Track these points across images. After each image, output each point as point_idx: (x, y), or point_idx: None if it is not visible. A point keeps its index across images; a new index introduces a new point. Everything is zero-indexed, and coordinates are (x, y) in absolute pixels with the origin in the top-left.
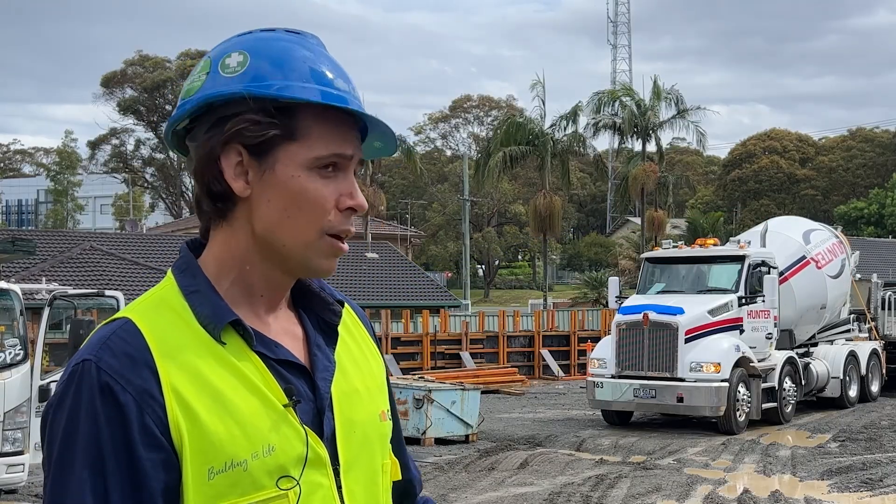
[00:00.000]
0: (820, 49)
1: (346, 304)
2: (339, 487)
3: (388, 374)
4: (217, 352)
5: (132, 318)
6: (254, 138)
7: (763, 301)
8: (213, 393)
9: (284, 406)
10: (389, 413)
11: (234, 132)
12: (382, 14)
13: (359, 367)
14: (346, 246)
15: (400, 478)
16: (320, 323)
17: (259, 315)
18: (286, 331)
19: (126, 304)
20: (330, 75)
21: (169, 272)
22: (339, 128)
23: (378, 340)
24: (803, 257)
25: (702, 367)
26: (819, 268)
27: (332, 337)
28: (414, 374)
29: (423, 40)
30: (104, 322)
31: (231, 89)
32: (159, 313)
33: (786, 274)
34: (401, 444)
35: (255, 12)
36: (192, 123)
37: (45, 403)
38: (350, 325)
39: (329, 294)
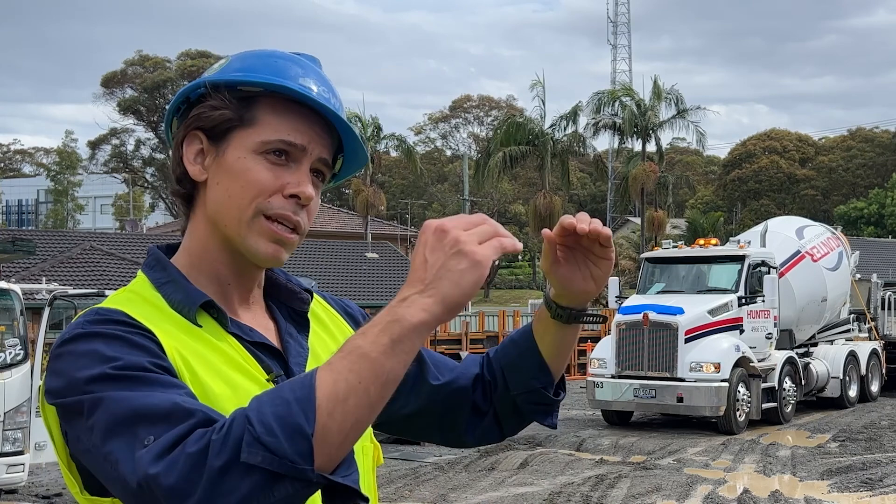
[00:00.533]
0: (819, 49)
1: (315, 294)
2: None
3: None
4: (195, 332)
5: (108, 305)
6: (210, 121)
7: (763, 301)
8: (201, 358)
9: (267, 380)
10: None
11: (194, 117)
12: (381, 14)
13: (332, 353)
14: (292, 236)
15: (383, 461)
16: (291, 313)
17: (232, 308)
18: (258, 324)
19: None
20: (305, 80)
21: (139, 272)
22: (295, 120)
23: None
24: (798, 252)
25: (702, 367)
26: (815, 261)
27: (303, 325)
28: None
29: (421, 40)
30: (77, 316)
31: (198, 81)
32: (133, 303)
33: (782, 269)
34: (432, 362)
35: (255, 12)
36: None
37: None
38: (321, 314)
39: (296, 284)
